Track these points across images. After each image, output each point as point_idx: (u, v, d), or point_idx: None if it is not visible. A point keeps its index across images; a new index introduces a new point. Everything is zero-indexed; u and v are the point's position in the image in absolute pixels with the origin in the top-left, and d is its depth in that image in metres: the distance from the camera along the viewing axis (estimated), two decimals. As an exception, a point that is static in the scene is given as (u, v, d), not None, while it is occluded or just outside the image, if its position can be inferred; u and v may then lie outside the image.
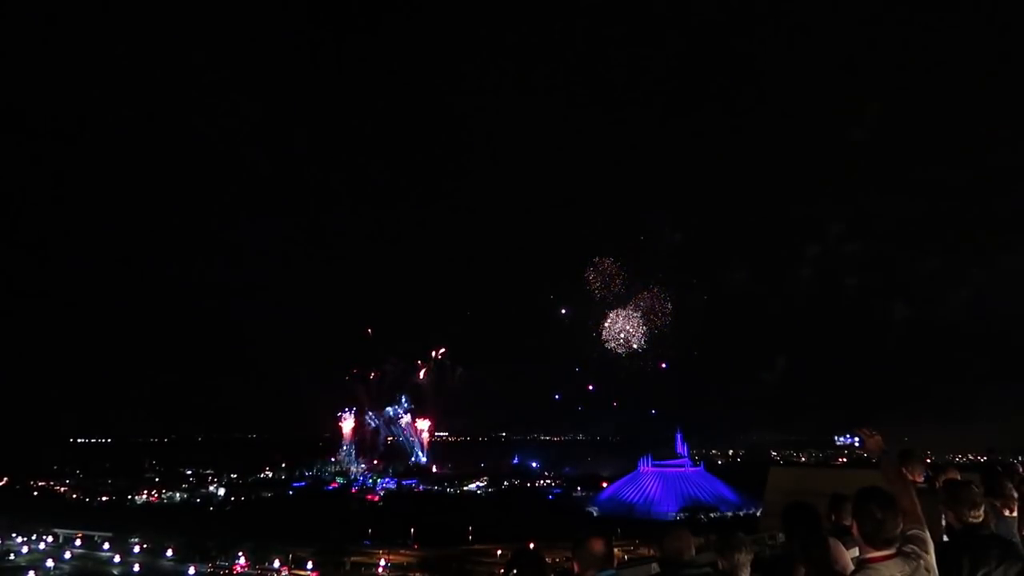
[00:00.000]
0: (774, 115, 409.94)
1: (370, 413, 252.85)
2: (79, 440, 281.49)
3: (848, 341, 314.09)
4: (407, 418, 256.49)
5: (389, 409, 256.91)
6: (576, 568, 6.16)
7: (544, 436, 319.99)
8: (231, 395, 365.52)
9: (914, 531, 5.32)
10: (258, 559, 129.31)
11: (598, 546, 6.09)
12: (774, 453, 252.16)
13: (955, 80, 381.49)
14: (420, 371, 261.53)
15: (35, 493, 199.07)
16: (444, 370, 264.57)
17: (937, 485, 8.39)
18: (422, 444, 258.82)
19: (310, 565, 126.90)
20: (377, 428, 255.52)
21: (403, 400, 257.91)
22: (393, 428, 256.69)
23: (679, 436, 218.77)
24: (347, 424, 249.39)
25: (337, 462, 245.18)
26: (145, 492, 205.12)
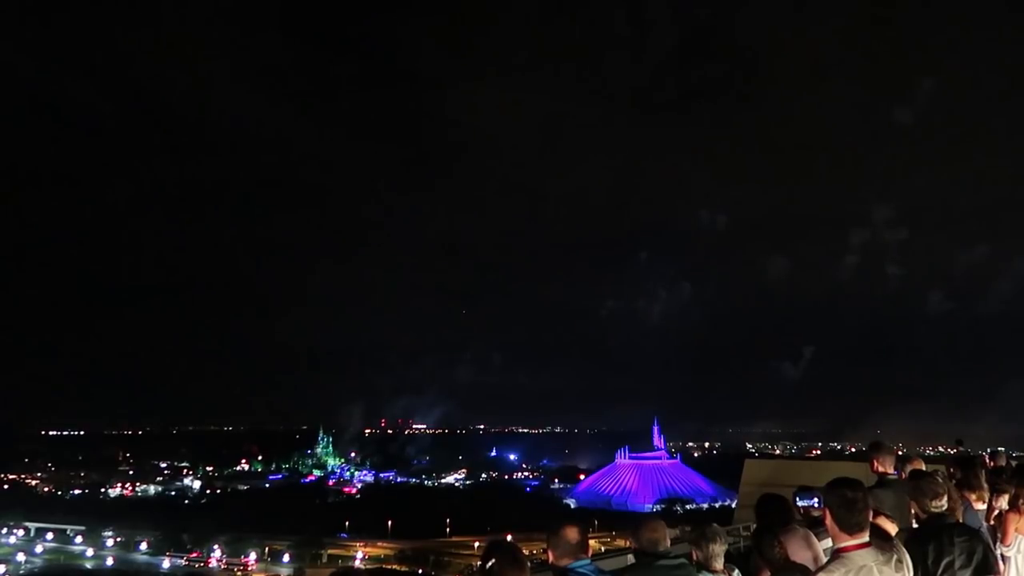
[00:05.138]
0: (821, 98, 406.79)
1: None
2: (51, 433, 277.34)
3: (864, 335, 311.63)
4: None
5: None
6: (551, 557, 6.16)
7: (522, 428, 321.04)
8: (207, 387, 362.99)
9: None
10: (234, 552, 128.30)
11: (572, 534, 6.07)
12: (749, 446, 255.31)
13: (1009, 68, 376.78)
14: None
15: (6, 486, 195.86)
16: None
17: (903, 476, 8.53)
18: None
19: (287, 558, 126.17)
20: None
21: None
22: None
23: (656, 429, 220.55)
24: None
25: (314, 455, 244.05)
26: (119, 485, 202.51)
